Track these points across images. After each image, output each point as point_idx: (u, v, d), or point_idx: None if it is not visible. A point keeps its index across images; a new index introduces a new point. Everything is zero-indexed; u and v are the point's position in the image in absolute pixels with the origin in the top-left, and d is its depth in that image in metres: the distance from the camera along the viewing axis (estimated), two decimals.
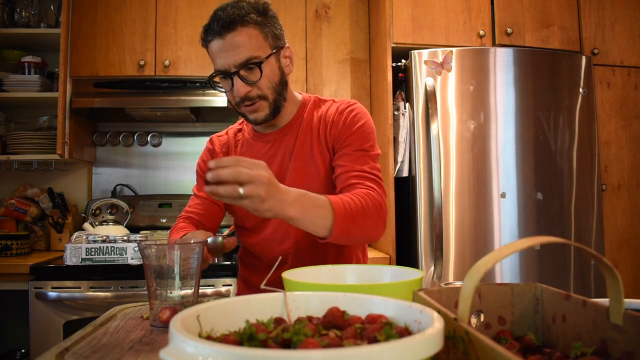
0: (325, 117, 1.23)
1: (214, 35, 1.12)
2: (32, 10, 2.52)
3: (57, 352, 0.73)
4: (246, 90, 1.13)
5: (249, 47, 1.11)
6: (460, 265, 2.08)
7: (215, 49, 1.13)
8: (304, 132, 1.23)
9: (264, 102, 1.16)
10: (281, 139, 1.25)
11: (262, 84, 1.14)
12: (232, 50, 1.10)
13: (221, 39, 1.11)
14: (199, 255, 0.90)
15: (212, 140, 1.37)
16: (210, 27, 1.12)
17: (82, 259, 1.99)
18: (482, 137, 2.14)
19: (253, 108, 1.16)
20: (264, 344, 0.48)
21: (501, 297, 0.66)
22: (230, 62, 1.11)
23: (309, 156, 1.22)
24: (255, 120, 1.19)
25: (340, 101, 1.27)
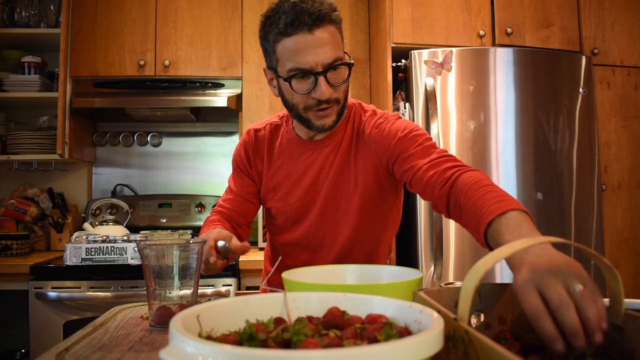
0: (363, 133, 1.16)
1: (301, 28, 1.00)
2: (32, 10, 2.52)
3: (57, 352, 0.73)
4: (330, 93, 1.05)
5: (336, 46, 1.04)
6: (460, 265, 2.07)
7: (300, 44, 1.01)
8: (344, 147, 1.17)
9: (336, 106, 1.10)
10: (322, 149, 1.19)
11: (343, 86, 1.08)
12: (321, 47, 1.01)
13: (310, 34, 1.01)
14: (198, 255, 0.90)
15: (249, 134, 1.28)
16: (299, 19, 1.00)
17: (82, 259, 1.99)
18: (482, 137, 2.14)
19: (326, 112, 1.08)
20: (264, 344, 0.48)
21: (501, 297, 0.66)
22: (319, 60, 1.02)
23: (346, 174, 1.17)
24: (323, 126, 1.11)
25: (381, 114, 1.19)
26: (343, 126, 1.19)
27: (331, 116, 1.10)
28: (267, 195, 1.26)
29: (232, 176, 1.32)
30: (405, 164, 1.06)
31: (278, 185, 1.24)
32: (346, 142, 1.18)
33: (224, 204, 1.29)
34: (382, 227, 1.25)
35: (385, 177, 1.16)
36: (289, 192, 1.22)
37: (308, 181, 1.20)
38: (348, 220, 1.19)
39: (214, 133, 2.87)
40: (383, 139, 1.12)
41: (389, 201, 1.23)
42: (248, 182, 1.28)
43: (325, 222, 1.21)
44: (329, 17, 1.03)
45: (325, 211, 1.20)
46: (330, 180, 1.18)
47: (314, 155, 1.19)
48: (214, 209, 1.32)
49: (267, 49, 1.09)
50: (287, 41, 1.03)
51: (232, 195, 1.29)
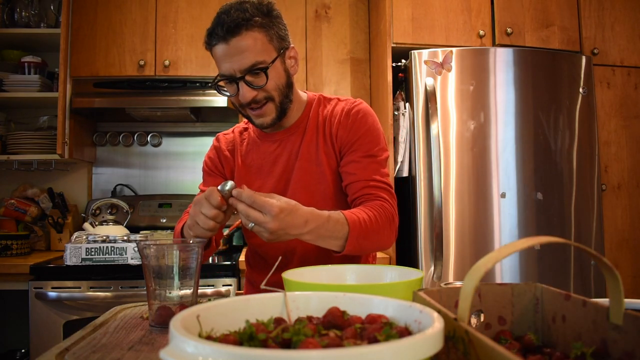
0: (331, 118, 1.23)
1: (218, 40, 1.09)
2: (32, 10, 2.52)
3: (57, 352, 0.73)
4: (252, 95, 1.12)
5: (254, 51, 1.09)
6: (460, 265, 2.07)
7: (219, 54, 1.10)
8: (310, 133, 1.23)
9: (271, 104, 1.15)
10: (287, 138, 1.24)
11: (268, 87, 1.13)
12: (237, 55, 1.08)
13: (226, 44, 1.08)
14: (198, 256, 0.90)
15: (218, 138, 1.36)
16: (215, 32, 1.09)
17: (82, 259, 1.99)
18: (482, 137, 2.14)
19: (260, 112, 1.15)
20: (264, 344, 0.48)
21: (501, 297, 0.66)
22: (235, 67, 1.09)
23: (314, 157, 1.22)
24: (262, 124, 1.18)
25: (345, 100, 1.26)
26: (306, 115, 1.25)
27: (268, 115, 1.16)
28: None
29: (202, 184, 1.34)
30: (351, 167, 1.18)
31: (251, 182, 1.26)
32: (311, 127, 1.23)
33: None
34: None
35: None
36: (261, 186, 1.25)
37: (279, 170, 1.23)
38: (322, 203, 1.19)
39: (214, 133, 2.84)
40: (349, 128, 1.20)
41: None
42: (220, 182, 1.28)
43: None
44: (247, 25, 1.08)
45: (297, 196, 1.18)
46: (299, 163, 1.21)
47: (281, 146, 1.24)
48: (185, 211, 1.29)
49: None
50: (212, 50, 1.12)
51: None
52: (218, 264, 2.06)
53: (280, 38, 1.15)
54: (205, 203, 0.98)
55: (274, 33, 1.13)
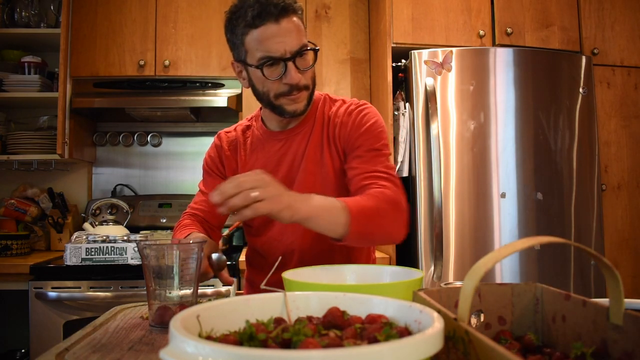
0: (334, 119, 1.22)
1: (268, 19, 1.06)
2: (32, 10, 2.52)
3: (57, 352, 0.73)
4: (299, 78, 1.11)
5: (301, 34, 1.11)
6: (460, 265, 2.07)
7: (268, 33, 1.07)
8: (316, 133, 1.22)
9: (305, 92, 1.15)
10: (293, 138, 1.23)
11: (310, 73, 1.14)
12: (288, 35, 1.08)
13: (276, 24, 1.07)
14: (198, 256, 0.90)
15: (220, 137, 1.34)
16: (266, 10, 1.06)
17: (82, 259, 1.99)
18: (482, 137, 2.14)
19: (296, 97, 1.14)
20: (264, 344, 0.48)
21: (501, 297, 0.66)
22: (287, 47, 1.08)
23: (319, 158, 1.20)
24: (295, 111, 1.16)
25: (350, 101, 1.25)
26: (312, 114, 1.24)
27: (301, 101, 1.15)
28: None
29: (202, 182, 1.34)
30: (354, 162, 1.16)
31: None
32: (317, 128, 1.22)
33: (197, 206, 1.29)
34: None
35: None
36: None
37: (283, 171, 1.22)
38: None
39: (214, 133, 2.83)
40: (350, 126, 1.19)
41: None
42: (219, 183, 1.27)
43: None
44: (292, 8, 1.09)
45: None
46: (304, 164, 1.20)
47: (287, 145, 1.23)
48: (184, 213, 1.30)
49: (234, 42, 1.14)
50: (255, 32, 1.08)
51: (204, 197, 1.29)
52: None
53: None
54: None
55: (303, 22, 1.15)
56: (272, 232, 1.25)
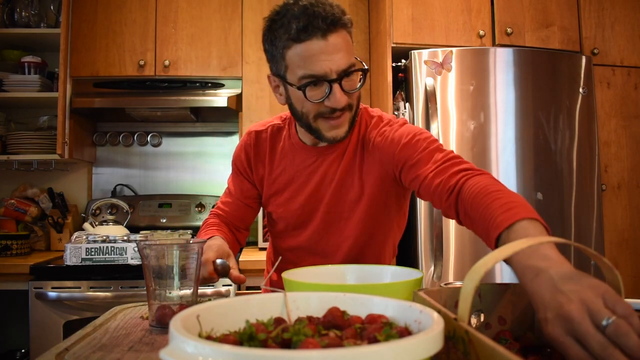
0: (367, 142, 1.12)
1: (315, 33, 0.96)
2: (32, 10, 2.52)
3: (57, 352, 0.73)
4: (345, 101, 1.00)
5: (349, 51, 1.00)
6: (460, 265, 2.07)
7: (314, 50, 0.96)
8: (349, 156, 1.14)
9: (348, 114, 1.05)
10: (325, 156, 1.15)
11: (356, 93, 1.04)
12: (336, 53, 0.97)
13: (323, 40, 0.96)
14: (198, 256, 0.90)
15: (250, 135, 1.23)
16: (313, 23, 0.95)
17: (82, 259, 1.99)
18: (482, 137, 2.14)
19: (338, 122, 1.04)
20: (264, 344, 0.48)
21: (501, 297, 0.66)
22: (334, 67, 0.97)
23: (349, 183, 1.14)
24: (335, 137, 1.06)
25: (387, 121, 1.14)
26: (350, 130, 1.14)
27: (343, 126, 1.05)
28: (268, 200, 1.24)
29: (231, 178, 1.29)
30: (411, 172, 1.02)
31: (280, 191, 1.21)
32: (351, 150, 1.14)
33: (223, 207, 1.28)
34: (386, 234, 1.23)
35: (391, 186, 1.13)
36: (290, 198, 1.19)
37: (310, 188, 1.17)
38: (351, 229, 1.16)
39: (214, 133, 2.87)
40: (387, 147, 1.08)
41: (394, 209, 1.20)
42: (247, 186, 1.25)
43: (328, 229, 1.18)
44: (342, 22, 0.99)
45: (327, 219, 1.18)
46: (333, 188, 1.15)
47: (318, 162, 1.15)
48: (212, 210, 1.30)
49: (274, 54, 1.03)
50: (298, 47, 0.98)
51: (230, 199, 1.27)
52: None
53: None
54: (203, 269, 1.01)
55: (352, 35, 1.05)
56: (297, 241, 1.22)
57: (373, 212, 1.15)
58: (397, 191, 1.16)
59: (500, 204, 0.78)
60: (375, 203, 1.14)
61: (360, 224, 1.16)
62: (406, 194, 1.22)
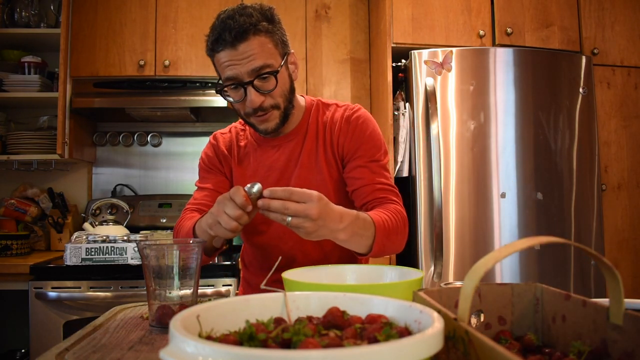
0: (331, 125, 1.22)
1: (225, 45, 1.06)
2: (32, 10, 2.52)
3: (57, 352, 0.73)
4: (260, 101, 1.10)
5: (262, 56, 1.08)
6: (460, 265, 2.07)
7: (225, 59, 1.08)
8: (310, 140, 1.22)
9: (276, 111, 1.14)
10: (286, 145, 1.23)
11: (275, 93, 1.11)
12: (245, 59, 1.06)
13: (233, 49, 1.06)
14: (198, 256, 0.90)
15: (216, 137, 1.33)
16: (221, 37, 1.06)
17: (82, 259, 1.99)
18: (482, 137, 2.14)
19: (264, 118, 1.13)
20: (264, 344, 0.48)
21: (501, 297, 0.66)
22: (243, 71, 1.07)
23: (314, 165, 1.21)
24: (266, 130, 1.16)
25: (345, 106, 1.25)
26: (305, 121, 1.23)
27: (272, 120, 1.15)
28: None
29: (199, 180, 1.31)
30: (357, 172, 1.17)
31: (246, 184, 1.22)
32: (311, 134, 1.22)
33: (197, 201, 1.25)
34: None
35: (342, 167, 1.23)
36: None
37: (275, 176, 1.22)
38: None
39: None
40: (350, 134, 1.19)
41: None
42: (221, 179, 1.28)
43: None
44: (254, 29, 1.07)
45: None
46: (297, 171, 1.20)
47: (280, 151, 1.23)
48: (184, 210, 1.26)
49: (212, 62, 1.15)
50: (216, 57, 1.10)
51: (205, 192, 1.26)
52: (218, 264, 2.06)
53: (283, 43, 1.14)
54: (229, 203, 0.93)
55: (278, 38, 1.12)
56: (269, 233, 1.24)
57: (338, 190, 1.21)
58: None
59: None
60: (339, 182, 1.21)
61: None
62: None
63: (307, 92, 2.54)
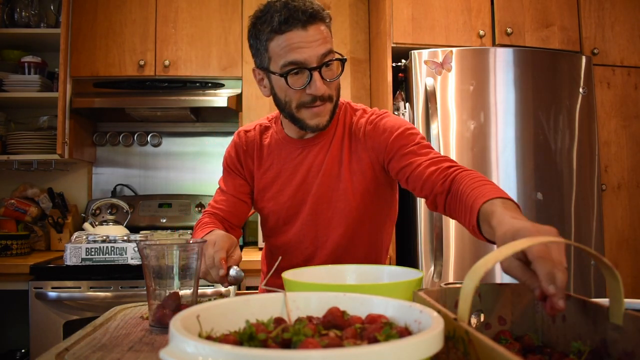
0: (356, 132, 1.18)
1: (295, 25, 1.02)
2: (32, 10, 2.52)
3: (57, 352, 0.73)
4: (324, 89, 1.07)
5: (329, 43, 1.07)
6: (460, 265, 2.07)
7: (295, 40, 1.03)
8: (335, 146, 1.18)
9: (329, 104, 1.11)
10: (311, 147, 1.19)
11: (335, 84, 1.10)
12: (315, 43, 1.04)
13: (304, 30, 1.03)
14: (198, 256, 0.90)
15: (239, 135, 1.29)
16: (293, 16, 1.02)
17: (82, 259, 1.99)
18: (482, 137, 2.14)
19: (320, 110, 1.09)
20: (264, 344, 0.48)
21: (501, 297, 0.66)
22: (313, 54, 1.04)
23: (336, 173, 1.18)
24: (317, 126, 1.11)
25: (371, 111, 1.21)
26: (333, 125, 1.19)
27: (325, 115, 1.11)
28: (258, 196, 1.26)
29: (222, 178, 1.32)
30: (403, 160, 1.08)
31: (268, 185, 1.23)
32: (337, 140, 1.19)
33: (217, 205, 1.28)
34: (378, 225, 1.25)
35: (381, 174, 1.18)
36: (279, 192, 1.22)
37: (298, 180, 1.20)
38: (341, 219, 1.18)
39: (214, 133, 2.87)
40: (379, 135, 1.14)
41: (384, 199, 1.23)
42: (240, 182, 1.28)
43: (316, 221, 1.20)
44: (320, 15, 1.05)
45: (316, 210, 1.19)
46: (320, 179, 1.18)
47: (304, 154, 1.20)
48: (205, 210, 1.29)
49: (258, 48, 1.10)
50: (280, 38, 1.04)
51: (224, 196, 1.28)
52: None
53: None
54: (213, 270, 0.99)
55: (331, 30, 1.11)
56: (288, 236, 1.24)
57: (365, 202, 1.18)
58: (387, 180, 1.20)
59: (489, 188, 0.89)
60: (366, 192, 1.18)
61: (351, 213, 1.18)
62: (394, 184, 1.25)
63: None
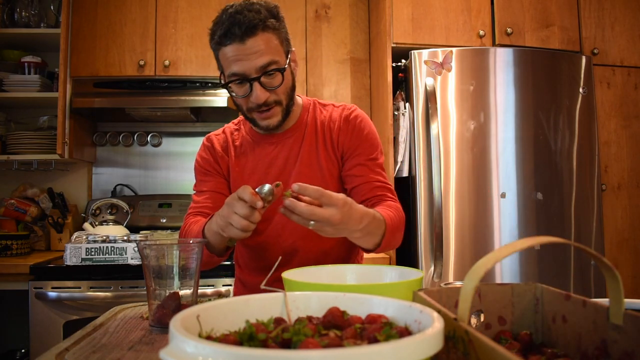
0: (329, 123, 1.24)
1: (233, 40, 1.07)
2: (32, 10, 2.52)
3: (57, 352, 0.73)
4: (265, 97, 1.11)
5: (270, 52, 1.09)
6: (460, 265, 2.07)
7: (232, 54, 1.08)
8: (309, 137, 1.23)
9: (278, 107, 1.15)
10: (284, 141, 1.24)
11: (280, 89, 1.13)
12: (253, 54, 1.07)
13: (241, 44, 1.07)
14: (198, 256, 0.90)
15: (210, 139, 1.32)
16: (230, 31, 1.07)
17: (82, 259, 1.99)
18: (482, 137, 2.14)
19: (268, 114, 1.15)
20: (264, 344, 0.48)
21: (501, 297, 0.66)
22: (251, 66, 1.08)
23: (314, 161, 1.22)
24: (267, 126, 1.17)
25: (341, 106, 1.28)
26: (303, 119, 1.25)
27: (274, 117, 1.16)
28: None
29: (197, 183, 1.30)
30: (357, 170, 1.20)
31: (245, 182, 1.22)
32: (310, 131, 1.24)
33: (199, 205, 1.25)
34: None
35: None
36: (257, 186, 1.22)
37: (274, 173, 1.22)
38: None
39: None
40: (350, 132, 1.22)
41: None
42: (219, 180, 1.28)
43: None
44: (263, 25, 1.08)
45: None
46: (297, 169, 1.21)
47: (278, 148, 1.24)
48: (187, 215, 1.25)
49: (215, 55, 1.16)
50: (223, 50, 1.10)
51: (205, 195, 1.26)
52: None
53: (287, 41, 1.16)
54: (238, 203, 0.95)
55: (283, 36, 1.14)
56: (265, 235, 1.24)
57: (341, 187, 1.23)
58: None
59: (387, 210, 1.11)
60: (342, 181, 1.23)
61: None
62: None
63: (307, 92, 2.54)
